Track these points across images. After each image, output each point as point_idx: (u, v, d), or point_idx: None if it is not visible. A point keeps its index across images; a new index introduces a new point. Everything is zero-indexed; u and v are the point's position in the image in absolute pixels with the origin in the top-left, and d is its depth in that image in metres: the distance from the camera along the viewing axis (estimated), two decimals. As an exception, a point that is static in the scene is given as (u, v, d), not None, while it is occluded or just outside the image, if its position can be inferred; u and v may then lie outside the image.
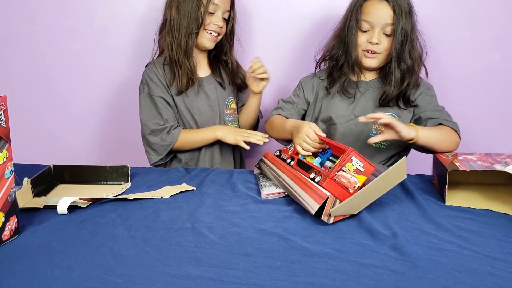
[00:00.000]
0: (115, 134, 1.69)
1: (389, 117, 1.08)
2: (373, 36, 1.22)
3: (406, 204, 0.98)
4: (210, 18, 1.30)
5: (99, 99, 1.65)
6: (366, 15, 1.22)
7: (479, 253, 0.75)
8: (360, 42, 1.25)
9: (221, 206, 0.95)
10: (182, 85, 1.32)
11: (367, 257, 0.72)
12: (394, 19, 1.19)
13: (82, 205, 0.92)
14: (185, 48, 1.29)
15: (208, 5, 1.27)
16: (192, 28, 1.28)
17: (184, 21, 1.28)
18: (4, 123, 0.75)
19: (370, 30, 1.23)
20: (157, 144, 1.32)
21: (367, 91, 1.31)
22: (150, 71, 1.35)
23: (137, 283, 0.64)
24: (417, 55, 1.25)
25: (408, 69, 1.23)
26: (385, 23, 1.20)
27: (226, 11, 1.33)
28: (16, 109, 1.23)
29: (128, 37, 1.60)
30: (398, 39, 1.20)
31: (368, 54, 1.25)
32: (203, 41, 1.33)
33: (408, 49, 1.22)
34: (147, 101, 1.34)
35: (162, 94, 1.33)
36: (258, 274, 0.67)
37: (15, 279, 0.65)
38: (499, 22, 1.55)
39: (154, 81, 1.33)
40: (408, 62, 1.22)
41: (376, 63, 1.26)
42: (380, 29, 1.21)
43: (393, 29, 1.21)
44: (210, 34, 1.32)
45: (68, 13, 1.58)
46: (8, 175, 0.76)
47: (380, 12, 1.20)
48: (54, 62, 1.62)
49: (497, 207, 0.96)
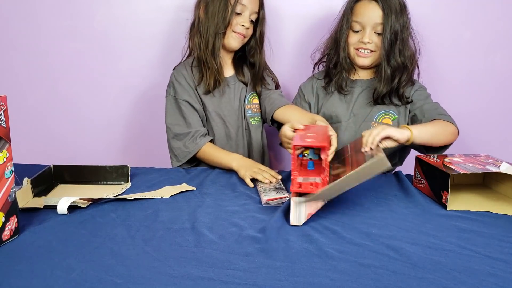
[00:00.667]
0: (115, 134, 1.69)
1: (380, 130, 1.00)
2: (364, 36, 1.25)
3: (406, 204, 0.98)
4: (237, 19, 1.29)
5: (100, 99, 1.65)
6: (357, 16, 1.27)
7: (479, 253, 0.75)
8: (352, 41, 1.29)
9: (221, 206, 0.95)
10: (209, 85, 1.31)
11: (367, 257, 0.72)
12: (383, 18, 1.22)
13: (82, 205, 0.92)
14: (212, 48, 1.29)
15: (236, 5, 1.27)
16: (219, 28, 1.27)
17: (212, 21, 1.27)
18: (4, 123, 0.75)
19: (362, 30, 1.27)
20: (179, 149, 1.31)
21: (364, 90, 1.33)
22: (177, 74, 1.35)
23: (137, 283, 0.64)
24: (409, 53, 1.27)
25: (399, 66, 1.25)
26: (375, 22, 1.24)
27: (254, 13, 1.31)
28: (16, 109, 1.23)
29: (130, 38, 1.60)
30: (387, 38, 1.22)
31: (360, 53, 1.28)
32: (229, 42, 1.32)
33: (398, 47, 1.24)
34: (172, 104, 1.34)
35: (188, 98, 1.32)
36: (258, 274, 0.67)
37: (15, 279, 0.65)
38: (499, 22, 1.55)
39: (182, 83, 1.33)
40: (398, 59, 1.24)
41: (369, 62, 1.29)
42: (371, 29, 1.25)
43: (383, 28, 1.23)
44: (236, 35, 1.31)
45: (69, 13, 1.58)
46: (8, 175, 0.76)
47: (370, 13, 1.24)
48: (54, 62, 1.62)
49: (496, 208, 0.96)
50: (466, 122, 1.62)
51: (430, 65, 1.58)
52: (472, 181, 1.13)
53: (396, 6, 1.23)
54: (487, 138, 1.63)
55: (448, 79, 1.59)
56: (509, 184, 1.03)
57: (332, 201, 0.97)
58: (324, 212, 0.90)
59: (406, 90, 1.29)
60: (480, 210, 0.95)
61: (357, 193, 1.01)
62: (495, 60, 1.58)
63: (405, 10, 1.25)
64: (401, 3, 1.25)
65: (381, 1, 1.23)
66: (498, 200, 1.01)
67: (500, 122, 1.63)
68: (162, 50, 1.39)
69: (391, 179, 1.17)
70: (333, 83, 1.34)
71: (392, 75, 1.26)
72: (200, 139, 1.30)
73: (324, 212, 0.90)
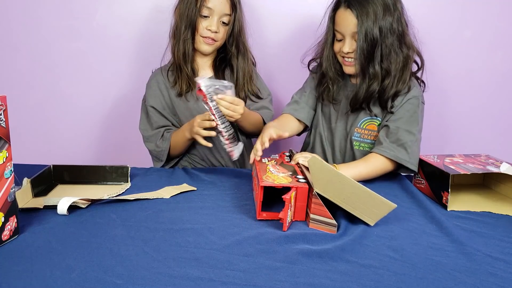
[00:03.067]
0: (116, 134, 1.69)
1: (305, 159, 1.01)
2: (344, 45, 1.20)
3: (407, 204, 0.98)
4: (204, 23, 1.26)
5: (100, 99, 1.65)
6: (337, 25, 1.21)
7: (479, 253, 0.75)
8: (337, 50, 1.24)
9: (221, 207, 0.95)
10: (181, 89, 1.31)
11: (367, 258, 0.72)
12: (357, 26, 1.15)
13: (82, 205, 0.92)
14: (183, 53, 1.28)
15: (201, 9, 1.24)
16: (187, 33, 1.26)
17: (182, 25, 1.26)
18: (4, 123, 0.74)
19: (343, 39, 1.21)
20: (154, 151, 1.32)
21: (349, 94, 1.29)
22: (151, 79, 1.36)
23: (136, 283, 0.64)
24: (400, 57, 1.17)
25: (377, 73, 1.17)
26: (353, 31, 1.17)
27: (225, 15, 1.27)
28: (16, 109, 1.23)
29: (130, 37, 1.60)
30: (360, 47, 1.15)
31: (345, 62, 1.23)
32: (199, 47, 1.30)
33: (379, 54, 1.15)
34: (143, 109, 1.36)
35: (154, 104, 1.32)
36: (258, 275, 0.67)
37: (15, 280, 0.65)
38: (500, 21, 1.55)
39: (152, 88, 1.34)
40: (377, 66, 1.16)
41: (355, 70, 1.21)
42: (350, 38, 1.19)
43: None
44: (204, 39, 1.28)
45: (69, 13, 1.58)
46: (8, 175, 0.76)
47: (345, 22, 1.18)
48: (54, 62, 1.62)
49: (497, 208, 0.96)
50: (466, 122, 1.63)
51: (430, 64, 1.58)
52: (472, 181, 1.13)
53: (375, 9, 1.13)
54: (487, 138, 1.63)
55: (448, 78, 1.59)
56: (509, 184, 1.03)
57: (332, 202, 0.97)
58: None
59: (398, 97, 1.20)
60: (480, 211, 0.95)
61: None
62: (495, 59, 1.58)
63: (391, 11, 1.15)
64: (386, 3, 1.15)
65: (355, 8, 1.15)
66: (498, 200, 1.02)
67: (500, 122, 1.63)
68: (163, 49, 1.39)
69: (392, 180, 1.17)
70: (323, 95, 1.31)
71: (370, 83, 1.18)
72: (166, 134, 1.31)
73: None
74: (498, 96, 1.61)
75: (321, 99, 1.33)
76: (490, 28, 1.55)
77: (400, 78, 1.18)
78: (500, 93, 1.60)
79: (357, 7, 1.14)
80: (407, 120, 1.18)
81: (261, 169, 0.97)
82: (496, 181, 1.08)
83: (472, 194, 1.05)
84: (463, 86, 1.60)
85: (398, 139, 1.16)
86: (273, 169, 0.98)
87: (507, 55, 1.57)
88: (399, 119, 1.19)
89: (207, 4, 1.24)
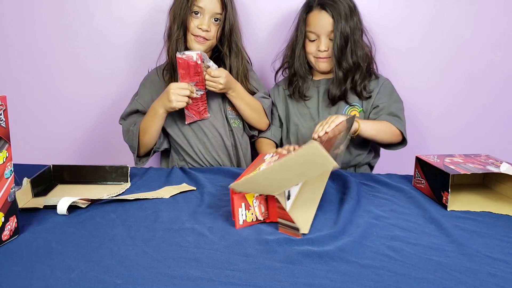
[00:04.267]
0: (116, 134, 1.68)
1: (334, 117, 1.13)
2: (320, 45, 1.32)
3: (406, 205, 0.98)
4: (195, 22, 1.28)
5: (99, 99, 1.65)
6: (310, 26, 1.33)
7: (479, 253, 0.75)
8: (310, 50, 1.35)
9: (221, 207, 0.95)
10: None
11: (367, 258, 0.72)
12: (334, 25, 1.28)
13: (82, 205, 0.92)
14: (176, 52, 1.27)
15: (192, 7, 1.26)
16: (179, 34, 1.27)
17: (174, 25, 1.28)
18: (4, 123, 0.74)
19: (317, 39, 1.33)
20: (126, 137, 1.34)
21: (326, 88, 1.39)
22: (147, 79, 1.39)
23: (136, 283, 0.64)
24: (363, 52, 1.32)
25: (350, 67, 1.31)
26: (328, 30, 1.30)
27: (216, 14, 1.29)
28: (16, 109, 1.23)
29: (129, 37, 1.60)
30: (337, 44, 1.28)
31: (320, 60, 1.35)
32: (191, 45, 1.31)
33: (350, 48, 1.29)
34: (130, 103, 1.38)
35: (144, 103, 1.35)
36: (258, 275, 0.67)
37: (15, 280, 0.65)
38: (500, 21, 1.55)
39: (146, 88, 1.37)
40: (350, 61, 1.30)
41: (330, 66, 1.35)
42: (325, 37, 1.31)
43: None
44: (196, 38, 1.29)
45: (68, 13, 1.57)
46: (8, 175, 0.76)
47: (321, 22, 1.30)
48: (54, 62, 1.62)
49: (496, 208, 0.96)
50: (466, 122, 1.63)
51: (430, 64, 1.59)
52: (472, 181, 1.13)
53: (345, 10, 1.27)
54: (487, 138, 1.63)
55: (448, 78, 1.59)
56: (509, 184, 1.03)
57: (332, 202, 0.97)
58: (324, 213, 0.90)
59: (368, 85, 1.35)
60: (480, 210, 0.95)
61: (357, 194, 1.01)
62: (495, 60, 1.58)
63: (354, 11, 1.30)
64: (350, 5, 1.29)
65: (330, 9, 1.28)
66: (498, 200, 1.01)
67: (500, 122, 1.63)
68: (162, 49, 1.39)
69: (391, 180, 1.17)
70: (296, 92, 1.40)
71: (345, 77, 1.32)
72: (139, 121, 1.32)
73: (324, 213, 0.90)
74: (498, 96, 1.60)
75: (294, 97, 1.42)
76: (490, 28, 1.55)
77: (367, 69, 1.35)
78: (500, 93, 1.60)
79: (331, 8, 1.28)
80: (389, 98, 1.36)
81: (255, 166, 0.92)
82: (496, 181, 1.08)
83: (472, 194, 1.05)
84: (463, 86, 1.60)
85: (391, 112, 1.33)
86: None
87: (507, 56, 1.57)
88: (381, 98, 1.36)
89: (198, 3, 1.26)
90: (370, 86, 1.36)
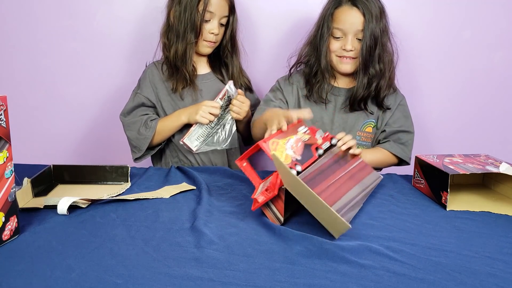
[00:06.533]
0: (115, 134, 1.68)
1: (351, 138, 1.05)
2: (346, 43, 1.22)
3: (405, 205, 0.99)
4: (206, 27, 1.29)
5: (100, 99, 1.65)
6: (338, 22, 1.23)
7: (479, 253, 0.75)
8: (334, 48, 1.25)
9: (221, 207, 0.95)
10: (177, 86, 1.33)
11: (367, 259, 0.72)
12: (364, 24, 1.19)
13: (82, 205, 0.92)
14: (183, 56, 1.29)
15: (204, 14, 1.26)
16: (191, 38, 1.27)
17: (181, 28, 1.27)
18: (4, 123, 0.74)
19: (343, 37, 1.23)
20: (136, 139, 1.32)
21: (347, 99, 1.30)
22: (146, 71, 1.38)
23: (136, 283, 0.64)
24: (388, 58, 1.25)
25: (376, 73, 1.23)
26: (357, 29, 1.21)
27: (223, 17, 1.31)
28: (16, 109, 1.23)
29: (128, 37, 1.60)
30: (367, 44, 1.20)
31: (343, 60, 1.25)
32: (200, 50, 1.33)
33: (378, 53, 1.22)
34: (131, 97, 1.37)
35: (146, 94, 1.35)
36: (257, 275, 0.67)
37: (15, 279, 0.65)
38: (499, 21, 1.55)
39: (148, 80, 1.36)
40: (377, 66, 1.23)
41: (352, 68, 1.26)
42: (353, 36, 1.22)
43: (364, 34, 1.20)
44: (207, 43, 1.31)
45: (68, 13, 1.57)
46: (8, 175, 0.76)
47: (351, 19, 1.21)
48: (54, 62, 1.61)
49: (496, 208, 0.96)
50: (465, 122, 1.63)
51: (430, 65, 1.59)
52: (472, 181, 1.13)
53: (376, 10, 1.20)
54: (487, 138, 1.63)
55: (448, 78, 1.59)
56: (509, 184, 1.03)
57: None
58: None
59: (388, 97, 1.29)
60: (479, 210, 0.95)
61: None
62: (495, 60, 1.58)
63: (384, 14, 1.23)
64: (380, 6, 1.22)
65: (362, 7, 1.19)
66: (498, 200, 1.02)
67: (500, 122, 1.63)
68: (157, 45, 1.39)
69: (390, 180, 1.17)
70: (314, 93, 1.30)
71: (369, 82, 1.24)
72: (151, 122, 1.32)
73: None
74: (498, 96, 1.61)
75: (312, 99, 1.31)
76: (489, 28, 1.55)
77: (391, 77, 1.28)
78: (500, 93, 1.60)
79: (363, 5, 1.19)
80: (404, 122, 1.31)
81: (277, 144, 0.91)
82: (495, 181, 1.09)
83: (471, 194, 1.06)
84: (463, 86, 1.60)
85: (398, 138, 1.29)
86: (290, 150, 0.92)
87: (506, 56, 1.57)
88: (396, 121, 1.31)
89: (209, 8, 1.26)
90: (388, 99, 1.29)
